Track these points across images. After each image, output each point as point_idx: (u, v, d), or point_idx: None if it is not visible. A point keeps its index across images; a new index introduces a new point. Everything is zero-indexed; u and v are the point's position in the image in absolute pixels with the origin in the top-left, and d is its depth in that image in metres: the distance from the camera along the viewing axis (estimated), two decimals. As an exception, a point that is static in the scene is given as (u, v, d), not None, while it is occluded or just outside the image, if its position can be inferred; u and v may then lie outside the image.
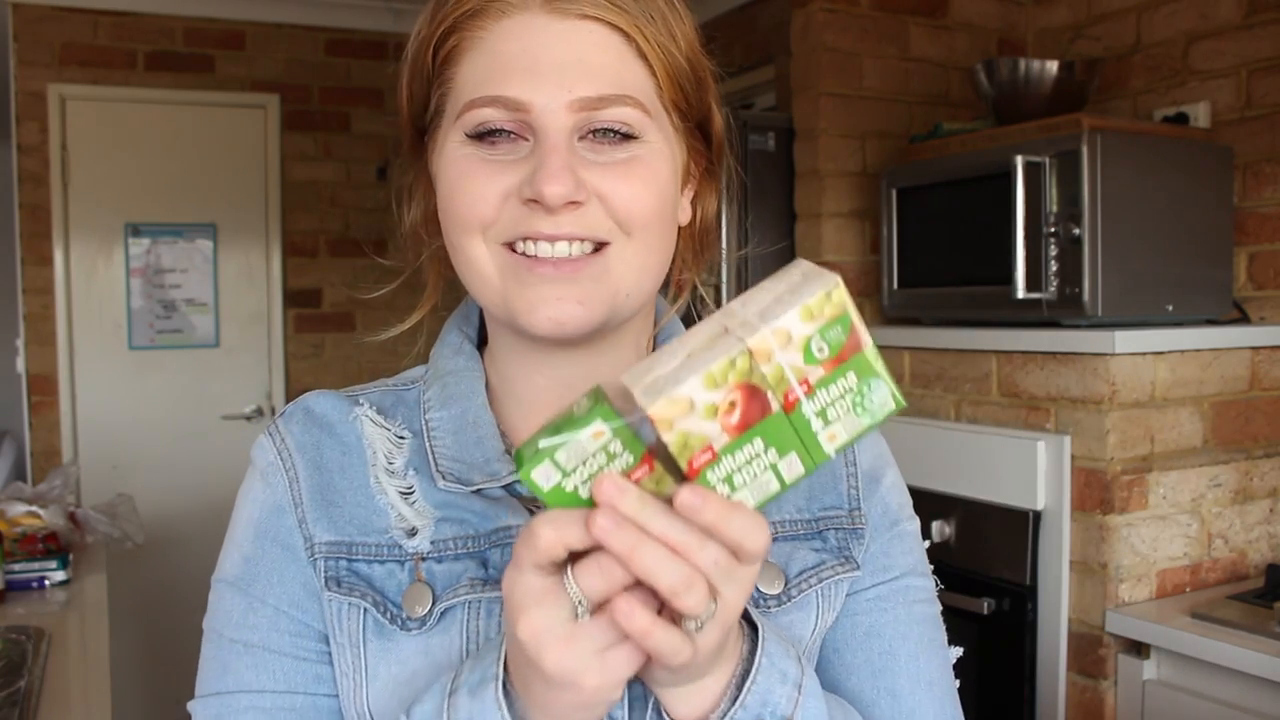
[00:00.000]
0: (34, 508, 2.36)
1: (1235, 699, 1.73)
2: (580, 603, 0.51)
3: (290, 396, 4.05)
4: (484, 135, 0.64)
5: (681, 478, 0.52)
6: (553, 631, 0.51)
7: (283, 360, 4.05)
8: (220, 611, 0.71)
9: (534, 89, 0.62)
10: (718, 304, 0.61)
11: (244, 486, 0.74)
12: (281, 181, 4.02)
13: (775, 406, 0.51)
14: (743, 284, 2.65)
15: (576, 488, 0.52)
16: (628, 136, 0.65)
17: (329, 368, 4.13)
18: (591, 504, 0.51)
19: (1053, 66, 2.26)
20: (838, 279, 0.52)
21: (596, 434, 0.51)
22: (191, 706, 0.70)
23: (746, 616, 0.60)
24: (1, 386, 5.04)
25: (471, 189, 0.64)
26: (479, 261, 0.66)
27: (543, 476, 0.51)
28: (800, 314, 0.51)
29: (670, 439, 0.50)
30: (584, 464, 0.51)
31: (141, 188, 3.83)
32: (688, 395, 0.50)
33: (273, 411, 4.02)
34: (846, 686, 0.72)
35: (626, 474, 0.51)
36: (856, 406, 0.52)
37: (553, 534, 0.50)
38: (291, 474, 0.71)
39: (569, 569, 0.51)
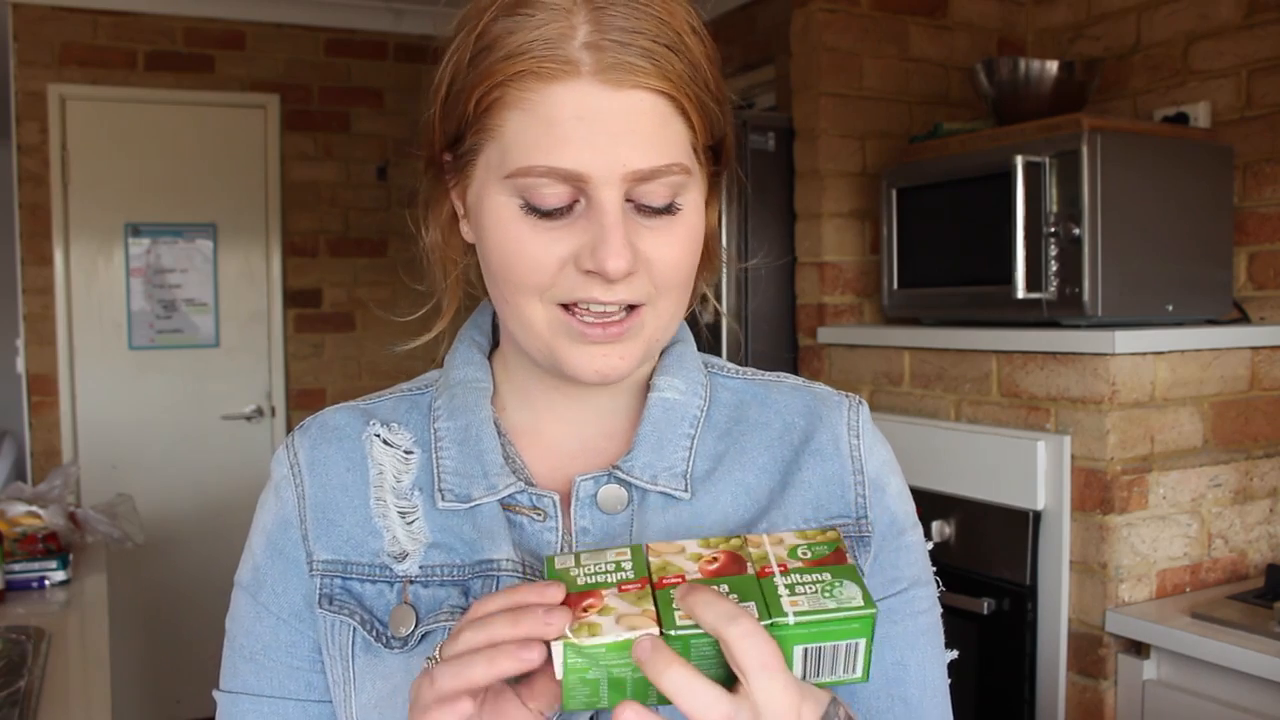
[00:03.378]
0: (34, 508, 2.36)
1: (1235, 699, 1.73)
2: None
3: (290, 396, 4.05)
4: (540, 213, 0.66)
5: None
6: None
7: (283, 360, 4.05)
8: (235, 614, 0.77)
9: (591, 162, 0.63)
10: (717, 301, 0.63)
11: (262, 496, 0.79)
12: (281, 181, 4.02)
13: (750, 572, 0.60)
14: (743, 284, 2.65)
15: (577, 575, 0.60)
16: (672, 204, 0.67)
17: (329, 368, 4.14)
18: (586, 589, 0.59)
19: (1053, 66, 2.26)
20: (838, 530, 0.63)
21: (619, 553, 0.61)
22: (215, 694, 0.77)
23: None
24: (1, 386, 5.04)
25: (530, 258, 0.66)
26: (532, 319, 0.68)
27: (560, 561, 0.61)
28: (797, 534, 0.62)
29: (655, 562, 0.60)
30: (595, 564, 0.61)
31: (141, 188, 3.83)
32: (683, 544, 0.61)
33: (272, 411, 4.02)
34: (862, 693, 0.74)
35: (621, 584, 0.59)
36: (824, 592, 0.58)
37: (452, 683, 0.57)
38: (300, 489, 0.76)
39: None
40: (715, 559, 0.60)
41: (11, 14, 3.64)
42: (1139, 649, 1.90)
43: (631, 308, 0.68)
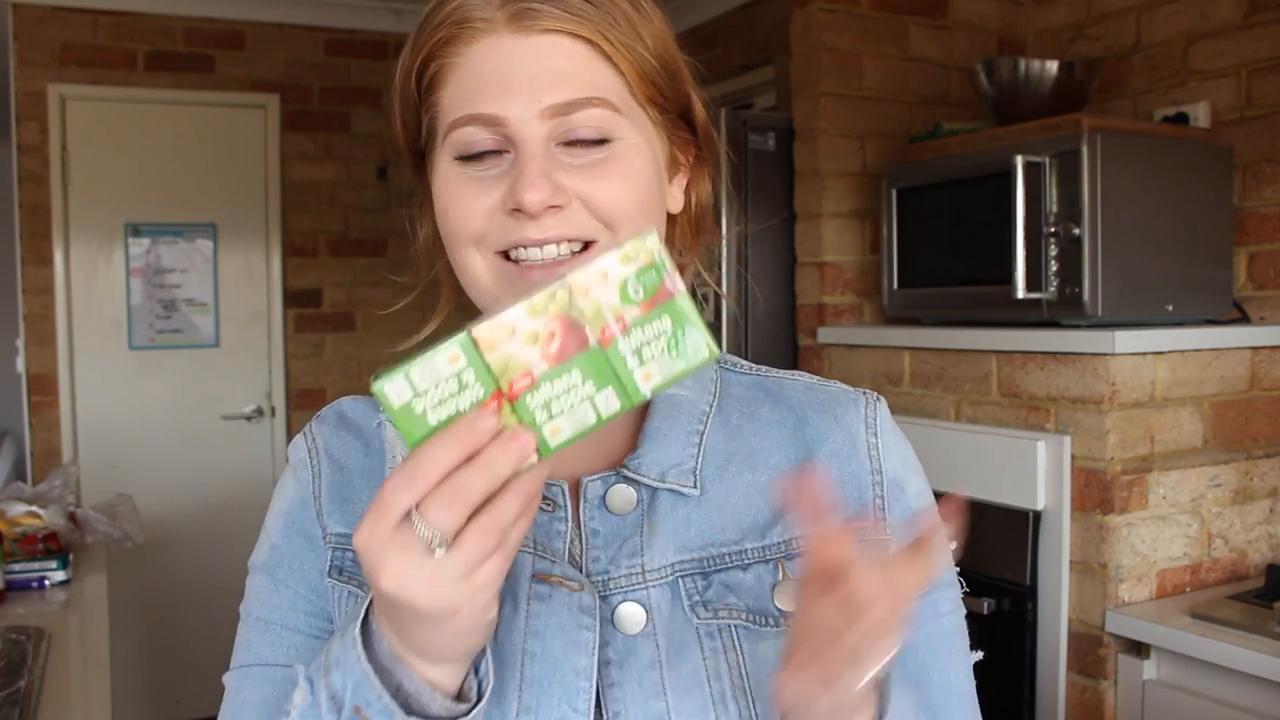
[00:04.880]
0: (34, 508, 2.36)
1: (1235, 699, 1.73)
2: (435, 539, 0.53)
3: (290, 396, 4.05)
4: (470, 158, 0.68)
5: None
6: (416, 573, 0.53)
7: (283, 360, 4.05)
8: (250, 594, 0.77)
9: (507, 103, 0.66)
10: (718, 298, 0.62)
11: (279, 483, 0.80)
12: (281, 181, 4.03)
13: (592, 341, 0.54)
14: (743, 283, 2.65)
15: (425, 411, 0.54)
16: (602, 139, 0.68)
17: (329, 368, 4.14)
18: (435, 430, 0.54)
19: (1053, 66, 2.26)
20: (652, 230, 0.56)
21: (451, 358, 0.54)
22: (224, 678, 0.76)
23: None
24: (1, 386, 5.04)
25: (461, 207, 0.68)
26: (476, 272, 0.70)
27: (394, 391, 0.53)
28: (618, 258, 0.54)
29: (493, 359, 0.54)
30: (435, 387, 0.54)
31: (141, 188, 3.83)
32: (510, 321, 0.54)
33: (272, 411, 4.02)
34: None
35: (477, 407, 0.54)
36: (671, 350, 0.55)
37: (409, 495, 0.53)
38: (316, 470, 0.77)
39: (414, 512, 0.53)
40: (552, 334, 0.54)
41: (11, 14, 3.64)
42: (1139, 649, 1.91)
43: (585, 248, 0.68)
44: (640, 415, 0.74)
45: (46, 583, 2.21)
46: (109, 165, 3.78)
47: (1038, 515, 2.01)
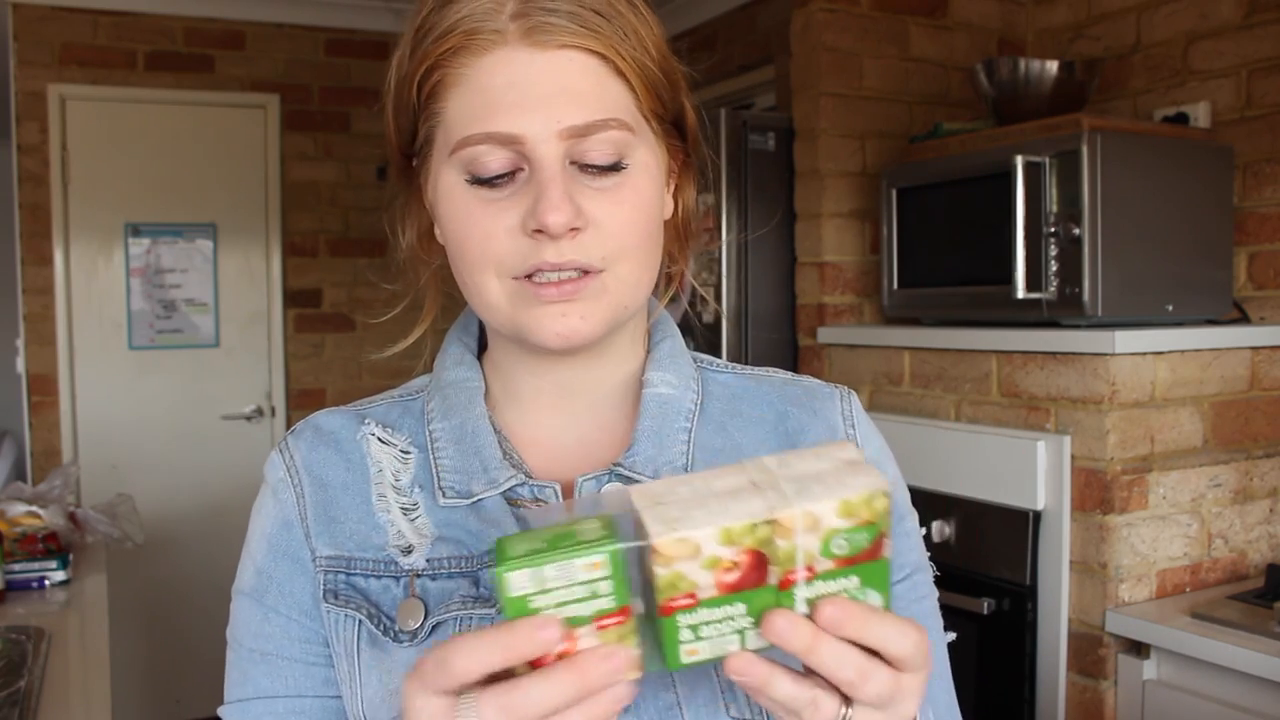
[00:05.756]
0: (34, 508, 2.36)
1: (1235, 699, 1.73)
2: None
3: (290, 396, 4.05)
4: (484, 178, 0.67)
5: (653, 618, 0.52)
6: None
7: (283, 360, 4.05)
8: (239, 622, 0.75)
9: (525, 122, 0.64)
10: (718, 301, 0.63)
11: (257, 501, 0.77)
12: (281, 181, 4.03)
13: (773, 581, 0.51)
14: (743, 284, 2.65)
15: (541, 608, 0.50)
16: (616, 163, 0.67)
17: (329, 368, 4.14)
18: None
19: (1053, 66, 2.26)
20: (887, 485, 0.51)
21: (594, 565, 0.49)
22: (220, 712, 0.74)
23: None
24: (1, 386, 5.04)
25: (480, 231, 0.67)
26: (492, 295, 0.69)
27: (517, 583, 0.49)
28: (839, 507, 0.50)
29: (662, 574, 0.50)
30: (564, 589, 0.49)
31: (141, 188, 3.83)
32: (698, 542, 0.50)
33: (272, 411, 4.02)
34: None
35: (599, 617, 0.50)
36: None
37: (468, 664, 0.51)
38: (299, 490, 0.75)
39: (474, 694, 0.51)
40: (735, 565, 0.50)
41: (11, 14, 3.64)
42: (1139, 649, 1.91)
43: (587, 273, 0.67)
44: (630, 415, 0.75)
45: (46, 583, 2.21)
46: (109, 165, 3.78)
47: (1038, 515, 2.01)
